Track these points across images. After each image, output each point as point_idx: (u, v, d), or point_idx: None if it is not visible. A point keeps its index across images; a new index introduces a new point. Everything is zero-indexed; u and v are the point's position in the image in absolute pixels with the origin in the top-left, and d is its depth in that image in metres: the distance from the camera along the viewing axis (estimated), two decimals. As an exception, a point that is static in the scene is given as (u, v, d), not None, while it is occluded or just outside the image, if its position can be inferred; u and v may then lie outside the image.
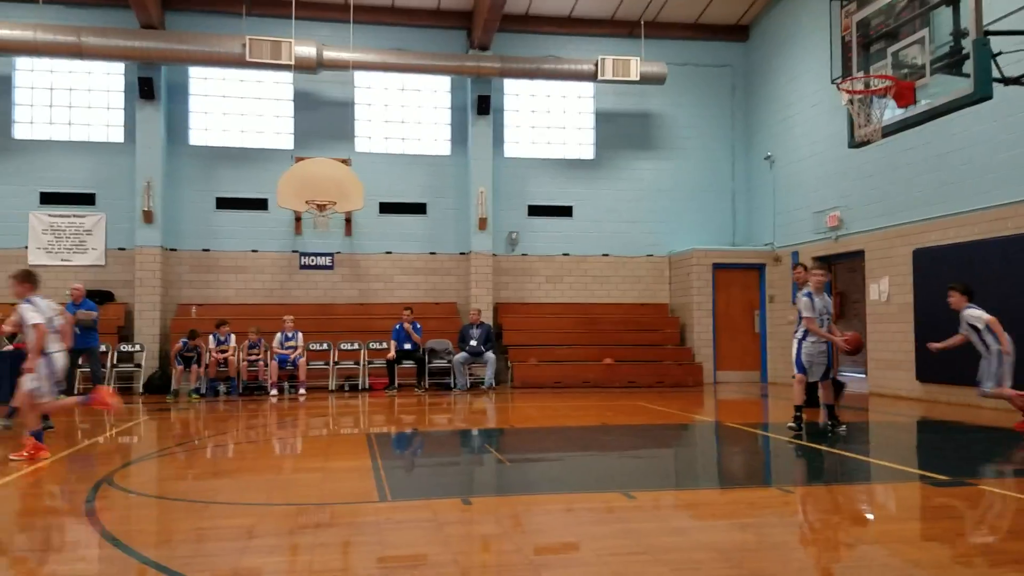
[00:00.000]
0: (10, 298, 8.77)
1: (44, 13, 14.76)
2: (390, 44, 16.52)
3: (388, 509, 5.45)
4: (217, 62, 15.44)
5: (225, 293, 16.28)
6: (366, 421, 11.20)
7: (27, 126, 15.66)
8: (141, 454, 8.40)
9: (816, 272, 9.17)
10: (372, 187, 16.09)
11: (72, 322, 10.42)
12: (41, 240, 15.46)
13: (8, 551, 4.63)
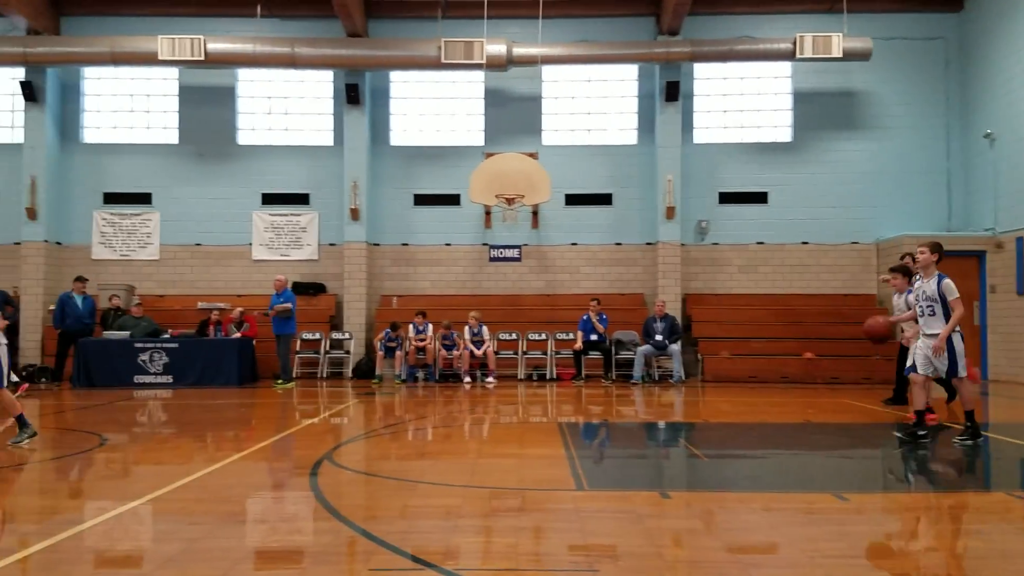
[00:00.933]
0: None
1: (262, 27, 16.11)
2: (577, 36, 16.60)
3: (586, 498, 5.50)
4: (415, 65, 16.20)
5: (422, 285, 17.08)
6: (555, 410, 11.35)
7: (249, 133, 17.19)
8: (353, 434, 9.00)
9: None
10: (558, 179, 16.26)
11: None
12: (263, 237, 16.93)
13: (244, 520, 5.12)
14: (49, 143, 16.15)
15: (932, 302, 7.61)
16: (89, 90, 16.90)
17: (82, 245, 16.65)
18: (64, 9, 16.36)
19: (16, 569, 3.94)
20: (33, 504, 5.66)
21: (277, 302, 14.15)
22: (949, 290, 7.51)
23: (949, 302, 7.51)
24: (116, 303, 15.26)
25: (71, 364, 14.34)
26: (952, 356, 7.53)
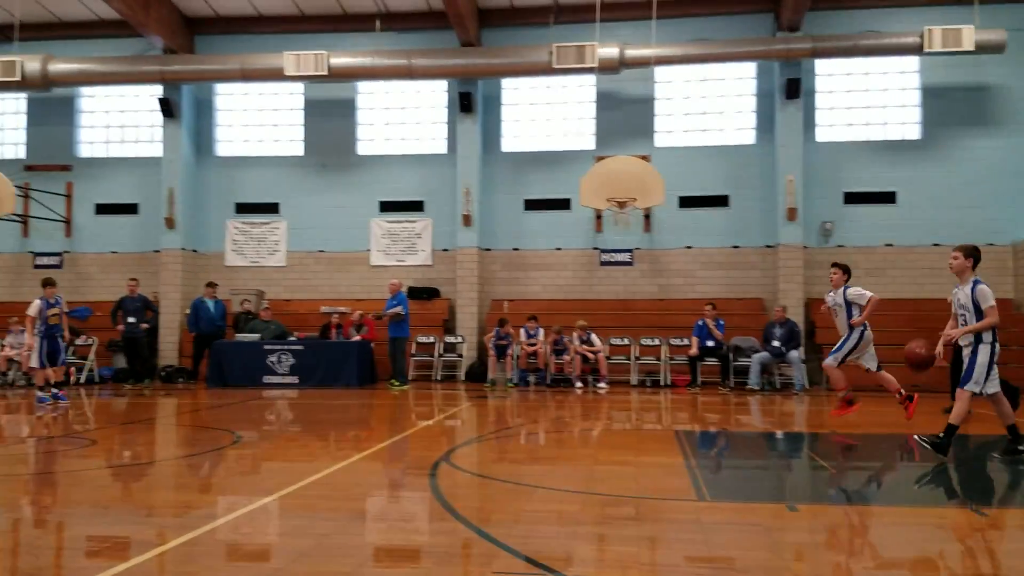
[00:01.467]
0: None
1: (380, 40, 16.62)
2: (692, 36, 16.33)
3: (707, 509, 5.38)
4: (526, 72, 16.34)
5: (533, 289, 17.18)
6: (670, 417, 11.17)
7: (368, 143, 17.76)
8: (468, 437, 9.13)
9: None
10: (672, 181, 16.02)
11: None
12: (380, 243, 17.44)
13: (370, 518, 5.28)
14: (185, 157, 17.18)
15: (965, 310, 7.16)
16: (221, 105, 17.87)
17: (216, 252, 17.62)
18: (198, 29, 17.37)
19: (159, 561, 4.20)
20: (174, 498, 6.01)
21: (391, 306, 14.57)
22: (983, 297, 7.05)
23: (983, 309, 7.03)
24: (247, 307, 16.07)
25: (206, 365, 15.20)
26: (971, 365, 7.08)
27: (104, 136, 18.01)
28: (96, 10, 16.65)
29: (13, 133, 18.12)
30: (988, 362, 7.04)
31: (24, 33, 16.58)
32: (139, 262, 17.44)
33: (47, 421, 10.36)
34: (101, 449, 8.20)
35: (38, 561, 4.34)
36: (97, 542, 4.62)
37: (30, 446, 8.49)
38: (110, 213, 17.67)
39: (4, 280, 17.48)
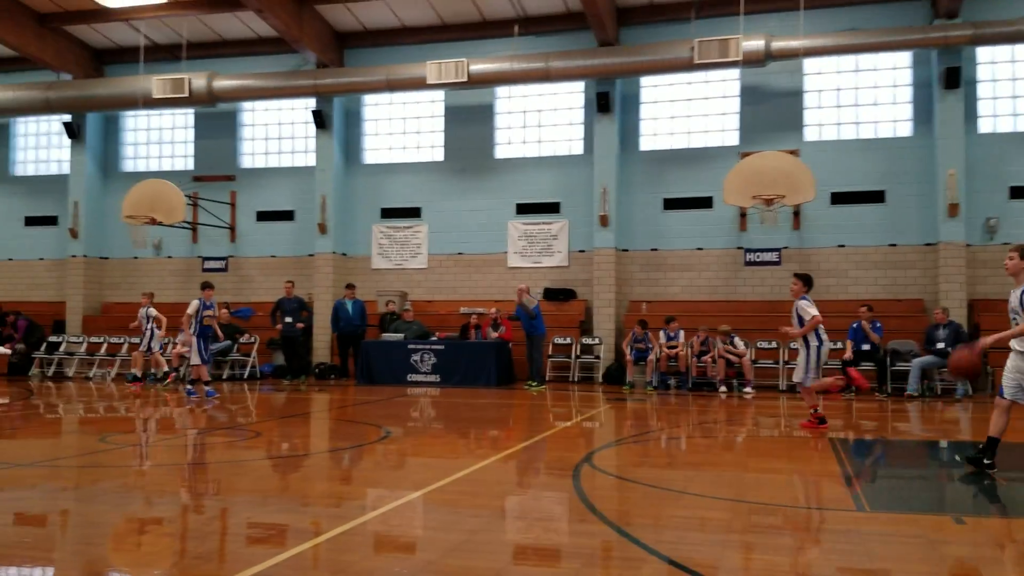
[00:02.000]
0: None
1: (519, 45, 16.82)
2: (842, 25, 15.57)
3: (867, 519, 5.10)
4: (666, 69, 16.08)
5: (672, 290, 16.87)
6: (822, 424, 10.66)
7: (505, 147, 18.01)
8: (608, 440, 9.08)
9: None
10: (822, 177, 15.32)
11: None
12: (517, 245, 17.65)
13: (516, 516, 5.35)
14: (336, 165, 18.01)
15: (1016, 314, 6.58)
16: (368, 115, 18.62)
17: (363, 256, 18.37)
18: (347, 43, 18.16)
19: (318, 550, 4.41)
20: (329, 489, 6.31)
21: (520, 310, 14.75)
22: None
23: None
24: (391, 308, 16.67)
25: (353, 362, 15.90)
26: (1006, 372, 6.63)
27: (263, 148, 19.16)
28: (255, 28, 17.75)
29: (182, 147, 19.58)
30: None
31: (191, 52, 17.91)
32: (295, 265, 18.43)
33: (210, 413, 11.13)
34: (264, 441, 8.73)
35: (205, 546, 4.66)
36: (262, 529, 4.91)
37: (201, 438, 9.14)
38: (269, 220, 18.77)
39: (176, 283, 18.92)
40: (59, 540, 4.86)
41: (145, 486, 6.38)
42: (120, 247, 19.06)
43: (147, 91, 17.23)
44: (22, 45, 17.29)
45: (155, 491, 6.15)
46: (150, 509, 5.61)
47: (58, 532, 5.06)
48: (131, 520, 5.20)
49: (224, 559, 4.34)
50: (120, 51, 18.89)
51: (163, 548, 4.59)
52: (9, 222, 19.86)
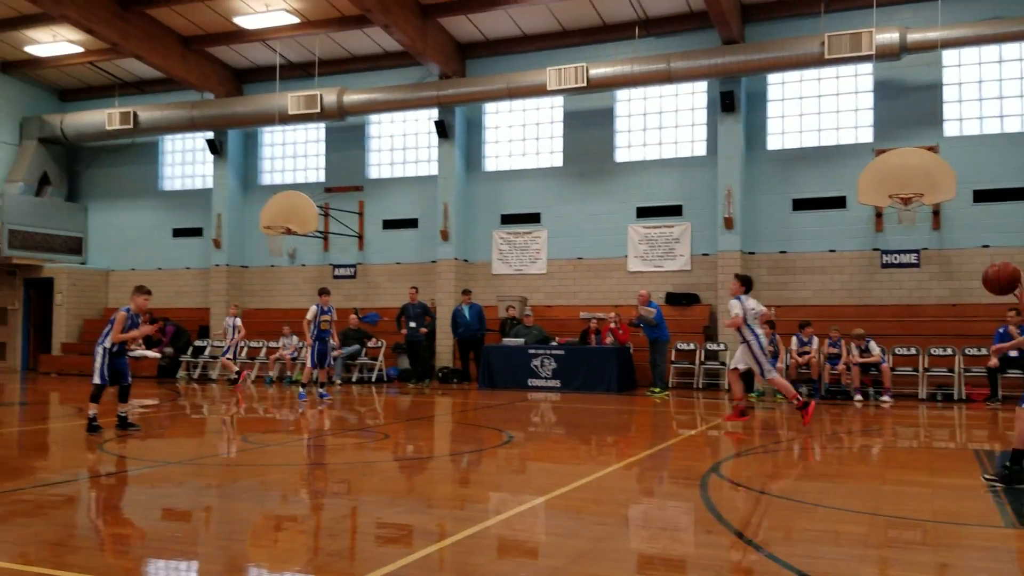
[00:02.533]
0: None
1: (639, 47, 16.66)
2: (982, 15, 14.57)
3: (1017, 536, 4.75)
4: (795, 65, 15.53)
5: (803, 294, 16.24)
6: (966, 435, 10.02)
7: (625, 150, 17.87)
8: (735, 449, 8.82)
9: None
10: (964, 173, 14.38)
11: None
12: (638, 249, 17.46)
13: (643, 525, 5.28)
14: (458, 173, 18.38)
15: None
16: (489, 123, 18.90)
17: (483, 262, 18.65)
18: (469, 53, 18.52)
19: (446, 552, 4.50)
20: (454, 492, 6.43)
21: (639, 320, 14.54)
22: None
23: None
24: (512, 313, 16.84)
25: (476, 367, 16.15)
26: None
27: (389, 158, 19.79)
28: (382, 43, 18.37)
29: (315, 159, 20.48)
30: None
31: (322, 69, 18.72)
32: (419, 271, 18.92)
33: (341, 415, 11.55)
34: (391, 443, 9.00)
35: (337, 544, 4.84)
36: (391, 529, 5.06)
37: (334, 439, 9.52)
38: (394, 228, 19.36)
39: (310, 289, 19.76)
40: (203, 535, 5.18)
41: (282, 484, 6.70)
42: (259, 256, 20.12)
43: (283, 108, 18.13)
44: (169, 67, 18.56)
45: (291, 489, 6.45)
46: (286, 507, 5.89)
47: (202, 527, 5.38)
48: (269, 517, 5.48)
49: (355, 558, 4.50)
50: (258, 70, 19.96)
51: (298, 545, 4.81)
52: (159, 234, 21.33)
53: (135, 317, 9.22)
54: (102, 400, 9.18)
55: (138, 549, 4.69)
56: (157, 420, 11.14)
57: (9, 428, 10.50)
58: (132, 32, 17.39)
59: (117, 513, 5.76)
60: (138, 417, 10.47)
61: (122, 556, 4.54)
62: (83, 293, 20.97)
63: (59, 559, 4.31)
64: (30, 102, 21.13)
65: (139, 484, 6.72)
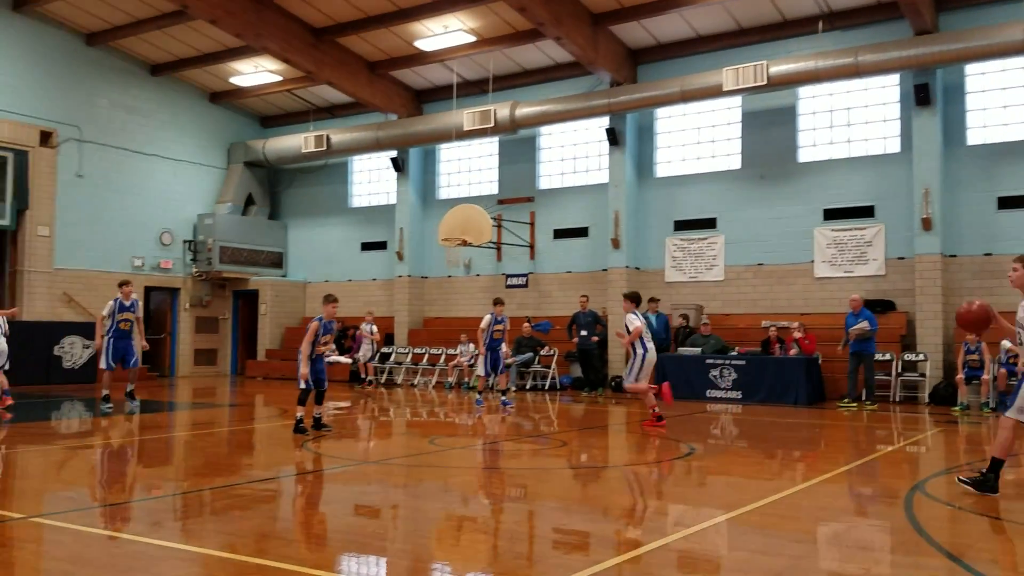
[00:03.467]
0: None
1: (823, 41, 15.83)
2: None
3: None
4: (996, 54, 14.19)
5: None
6: None
7: (809, 149, 17.02)
8: (941, 466, 8.13)
9: None
10: None
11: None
12: (825, 254, 16.55)
13: (844, 545, 4.95)
14: (628, 180, 18.23)
15: (1021, 328, 6.14)
16: (661, 129, 18.62)
17: (656, 269, 18.35)
18: (640, 59, 18.35)
19: (631, 565, 4.41)
20: (637, 504, 6.32)
21: (853, 323, 13.63)
22: None
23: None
24: (682, 322, 16.45)
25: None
26: (1017, 391, 6.03)
27: (559, 168, 19.98)
28: (553, 55, 18.59)
29: (488, 172, 21.02)
30: None
31: (495, 85, 19.20)
32: (590, 280, 18.91)
33: (516, 422, 11.72)
34: (569, 451, 9.02)
35: (515, 548, 4.88)
36: (573, 536, 5.05)
37: (512, 445, 9.67)
38: (565, 237, 19.48)
39: (485, 298, 20.26)
40: (391, 532, 5.39)
41: (464, 487, 6.88)
42: (437, 267, 20.89)
43: (459, 124, 18.76)
44: (357, 92, 19.72)
45: (472, 492, 6.61)
46: (468, 508, 6.03)
47: (390, 524, 5.61)
48: (452, 517, 5.63)
49: (539, 563, 4.51)
50: (435, 90, 20.79)
51: (478, 546, 4.90)
52: (348, 248, 22.66)
53: (328, 324, 9.81)
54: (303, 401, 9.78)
55: (333, 543, 4.96)
56: (349, 422, 11.79)
57: (221, 428, 11.49)
58: (324, 60, 18.64)
59: (315, 508, 6.13)
60: (331, 419, 11.12)
61: (318, 549, 4.82)
62: (284, 303, 22.64)
63: (263, 550, 4.64)
64: (236, 129, 23.13)
65: (336, 482, 7.13)
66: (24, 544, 4.86)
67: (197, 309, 22.08)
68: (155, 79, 21.02)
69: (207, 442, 10.06)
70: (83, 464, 8.19)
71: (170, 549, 4.60)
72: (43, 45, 18.79)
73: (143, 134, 20.77)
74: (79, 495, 6.49)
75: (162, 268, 21.11)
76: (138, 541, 4.71)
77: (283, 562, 4.26)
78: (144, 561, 4.31)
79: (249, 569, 4.20)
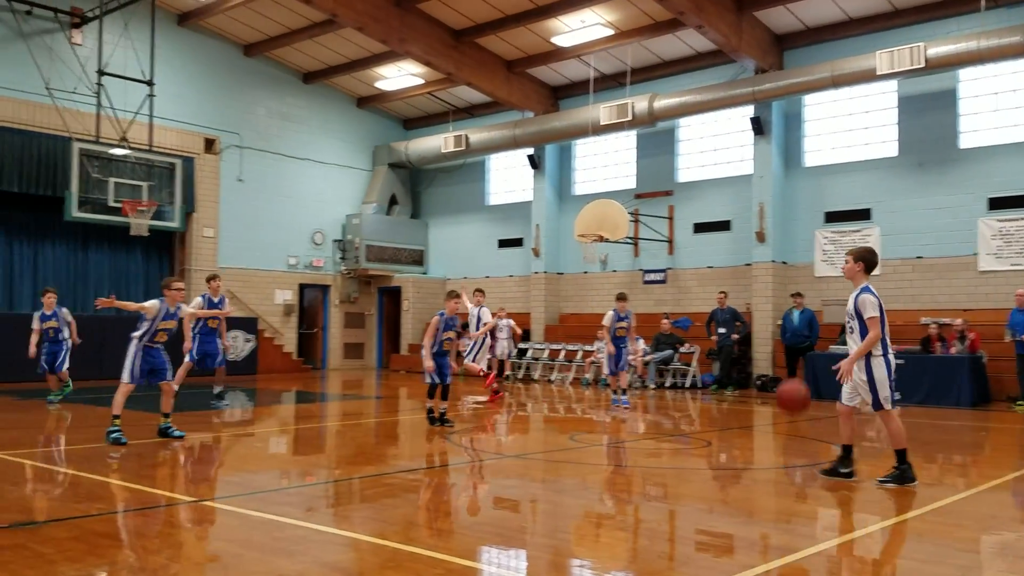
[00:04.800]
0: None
1: (986, 20, 14.66)
2: None
3: None
4: None
5: None
6: None
7: (972, 135, 15.82)
8: None
9: None
10: None
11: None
12: (990, 246, 15.34)
13: (1012, 556, 4.58)
14: (774, 171, 17.56)
15: (850, 318, 6.59)
16: (809, 116, 17.82)
17: (805, 263, 17.59)
18: (786, 44, 17.62)
19: (794, 570, 4.25)
20: (791, 508, 6.09)
21: (1020, 319, 12.60)
22: (864, 306, 6.44)
23: (865, 320, 6.40)
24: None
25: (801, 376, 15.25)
26: (872, 386, 6.50)
27: (699, 160, 19.50)
28: (693, 44, 18.17)
29: (625, 167, 20.80)
30: (887, 376, 6.52)
31: (633, 77, 18.97)
32: (732, 275, 18.37)
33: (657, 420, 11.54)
34: (713, 450, 8.80)
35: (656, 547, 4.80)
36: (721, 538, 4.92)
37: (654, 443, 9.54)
38: (706, 231, 19.00)
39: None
40: (533, 526, 5.44)
41: (604, 484, 6.85)
42: (573, 263, 20.90)
43: (595, 119, 18.67)
44: (494, 91, 20.02)
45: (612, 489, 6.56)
46: (607, 505, 6.00)
47: (532, 519, 5.66)
48: (591, 514, 5.62)
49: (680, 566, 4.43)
50: (571, 85, 20.79)
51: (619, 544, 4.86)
52: (486, 245, 23.06)
53: (450, 320, 9.83)
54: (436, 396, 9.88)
55: (479, 534, 5.06)
56: (488, 416, 12.00)
57: (368, 419, 11.98)
58: (464, 61, 19.05)
59: (460, 500, 6.28)
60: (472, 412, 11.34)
61: (464, 539, 4.93)
62: (425, 299, 23.34)
63: (413, 538, 4.79)
64: (380, 132, 24.02)
65: (478, 475, 7.28)
66: (196, 527, 5.25)
67: (346, 305, 23.11)
68: (307, 87, 22.15)
69: (357, 432, 10.52)
70: (244, 451, 8.75)
71: (327, 534, 4.85)
72: (206, 57, 20.19)
73: (296, 139, 21.93)
74: (243, 480, 6.94)
75: (314, 266, 22.24)
76: (299, 526, 4.99)
77: (434, 551, 4.39)
78: (304, 545, 4.56)
79: (402, 556, 4.36)
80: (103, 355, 15.02)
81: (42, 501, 5.69)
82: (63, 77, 17.15)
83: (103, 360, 15.05)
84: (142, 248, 19.31)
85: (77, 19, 17.85)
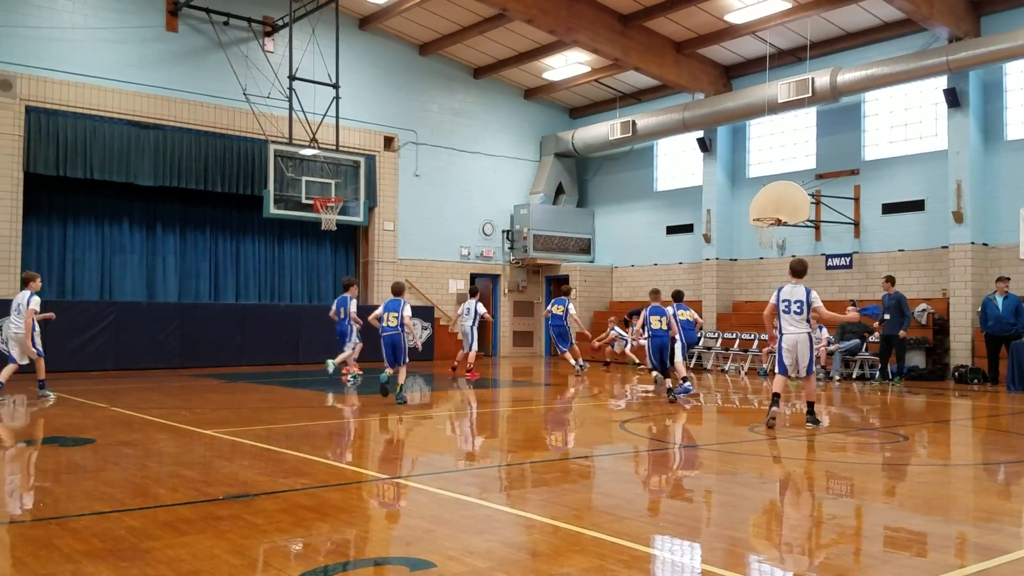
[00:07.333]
0: None
1: None
2: None
3: None
4: None
5: None
6: None
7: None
8: None
9: None
10: None
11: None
12: None
13: None
14: (972, 146, 16.11)
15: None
16: (1011, 85, 16.21)
17: (1009, 245, 16.05)
18: (982, 10, 16.11)
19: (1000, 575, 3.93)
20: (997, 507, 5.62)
21: None
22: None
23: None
24: (1045, 304, 14.22)
25: (1004, 366, 13.99)
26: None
27: (887, 136, 18.21)
28: (879, 14, 16.97)
29: (804, 146, 19.79)
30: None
31: (812, 52, 18.01)
32: (926, 259, 17.07)
33: (844, 414, 10.94)
34: (910, 445, 8.26)
35: (841, 544, 4.55)
36: (914, 537, 4.61)
37: (843, 437, 9.08)
38: (895, 212, 17.75)
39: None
40: (704, 519, 5.33)
41: (785, 476, 6.60)
42: (747, 249, 20.20)
43: (772, 97, 17.89)
44: (663, 74, 19.65)
45: (794, 482, 6.31)
46: (787, 498, 5.77)
47: (703, 511, 5.55)
48: (770, 507, 5.43)
49: (868, 565, 4.20)
50: (745, 64, 20.05)
51: (799, 540, 4.66)
52: (654, 232, 22.73)
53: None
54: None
55: (657, 522, 5.02)
56: (658, 404, 11.85)
57: (538, 406, 12.18)
58: (631, 46, 18.84)
59: (636, 487, 6.26)
60: (643, 401, 11.24)
61: (643, 527, 4.91)
62: (592, 288, 23.39)
63: (596, 523, 4.83)
64: (546, 122, 24.25)
65: (652, 463, 7.22)
66: (391, 503, 5.56)
67: (515, 294, 23.58)
68: (476, 81, 22.73)
69: (529, 418, 10.73)
70: (428, 432, 9.16)
71: (511, 515, 4.99)
72: (384, 58, 21.17)
73: (467, 133, 22.57)
74: (428, 460, 7.27)
75: (485, 256, 22.84)
76: (484, 505, 5.17)
77: (616, 537, 4.42)
78: (491, 524, 4.72)
79: (585, 540, 4.42)
80: (299, 342, 16.17)
81: (251, 475, 6.23)
82: (258, 83, 18.57)
83: (298, 347, 16.20)
84: (331, 242, 20.63)
85: (269, 27, 19.26)
